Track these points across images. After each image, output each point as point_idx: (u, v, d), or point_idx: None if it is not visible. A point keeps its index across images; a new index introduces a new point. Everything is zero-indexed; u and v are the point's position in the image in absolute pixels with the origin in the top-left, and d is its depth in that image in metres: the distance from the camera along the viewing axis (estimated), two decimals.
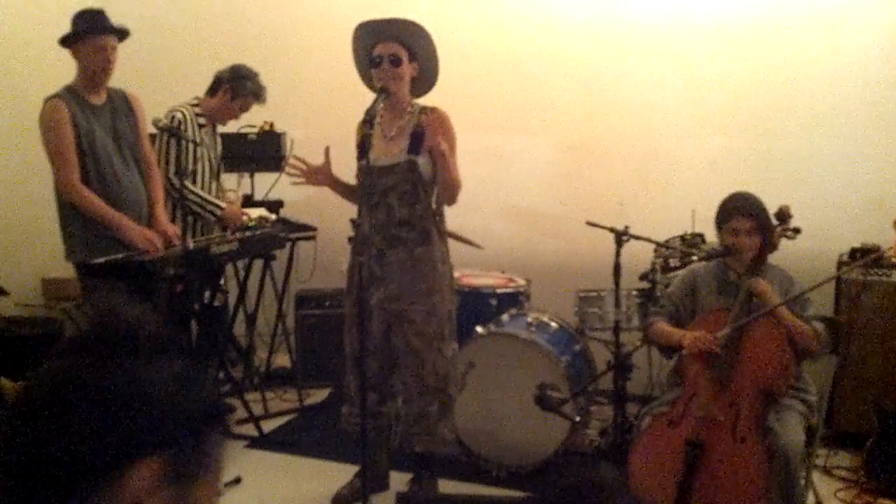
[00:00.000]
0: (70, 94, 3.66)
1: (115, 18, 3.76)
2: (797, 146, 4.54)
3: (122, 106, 3.83)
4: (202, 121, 4.28)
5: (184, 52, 5.38)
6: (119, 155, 3.76)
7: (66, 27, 3.72)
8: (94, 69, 3.67)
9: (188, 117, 4.20)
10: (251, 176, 5.10)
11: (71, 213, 3.68)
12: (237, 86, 4.29)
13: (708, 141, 4.70)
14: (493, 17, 5.07)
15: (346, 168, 3.55)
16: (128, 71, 3.98)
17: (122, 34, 3.73)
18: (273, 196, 5.06)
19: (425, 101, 3.47)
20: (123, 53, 3.81)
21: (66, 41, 3.66)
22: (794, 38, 4.52)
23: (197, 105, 4.30)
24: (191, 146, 4.14)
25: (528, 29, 5.00)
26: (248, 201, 5.01)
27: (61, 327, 4.86)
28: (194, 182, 4.21)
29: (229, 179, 5.02)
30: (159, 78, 4.97)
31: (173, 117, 4.14)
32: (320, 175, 3.45)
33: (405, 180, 3.33)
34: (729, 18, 4.62)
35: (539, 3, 4.98)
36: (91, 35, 3.62)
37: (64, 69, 3.82)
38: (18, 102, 4.91)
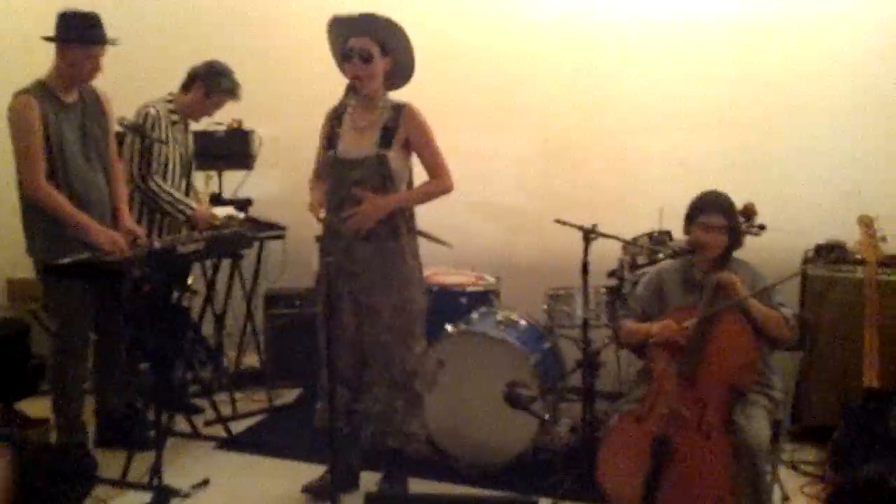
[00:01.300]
0: (41, 89, 3.61)
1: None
2: (764, 143, 4.59)
3: (92, 104, 3.79)
4: (175, 117, 4.23)
5: (153, 48, 5.32)
6: (84, 155, 3.72)
7: (35, 22, 3.66)
8: (81, 74, 3.66)
9: (161, 114, 4.15)
10: (219, 174, 5.06)
11: (34, 212, 3.62)
12: (212, 82, 4.25)
13: (676, 138, 4.73)
14: (468, 16, 5.07)
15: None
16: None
17: (114, 44, 3.72)
18: (241, 194, 5.03)
19: (398, 95, 3.46)
20: None
21: (56, 40, 3.61)
22: (761, 37, 4.56)
23: (171, 101, 4.25)
24: (159, 143, 4.09)
25: (502, 27, 5.01)
26: (217, 200, 4.97)
27: (27, 328, 4.80)
28: (164, 179, 4.16)
29: (197, 178, 4.98)
30: (129, 73, 4.90)
31: (147, 114, 4.10)
32: None
33: (375, 174, 3.32)
34: (697, 19, 4.66)
35: (514, 1, 4.99)
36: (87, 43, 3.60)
37: (32, 64, 3.77)
38: None
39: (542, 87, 4.94)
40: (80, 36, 3.59)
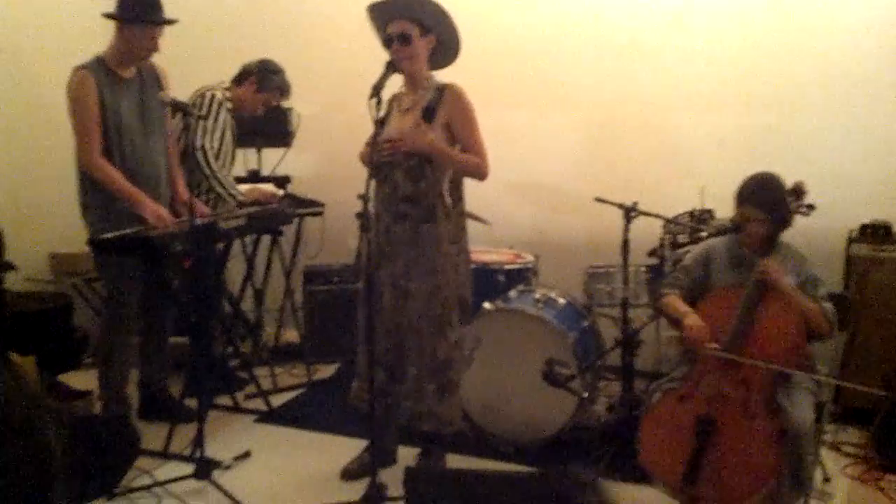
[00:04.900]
0: (99, 65, 3.66)
1: None
2: (808, 122, 4.50)
3: (150, 79, 3.85)
4: (230, 105, 4.30)
5: (190, 33, 5.30)
6: (142, 129, 3.77)
7: (77, 4, 3.67)
8: (140, 52, 3.70)
9: (223, 99, 4.25)
10: (258, 151, 5.09)
11: (89, 186, 3.68)
12: (264, 79, 4.33)
13: (718, 117, 4.67)
14: None
15: (355, 143, 3.53)
16: None
17: (173, 24, 3.76)
18: (280, 172, 5.05)
19: (443, 75, 3.44)
20: None
21: (117, 18, 3.64)
22: (804, 13, 4.47)
23: (228, 90, 4.33)
24: (218, 126, 4.15)
25: (540, 6, 4.97)
26: (256, 177, 5.01)
27: (70, 302, 4.88)
28: (217, 161, 4.20)
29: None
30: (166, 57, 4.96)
31: (213, 97, 4.20)
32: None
33: (411, 155, 3.30)
34: None
35: None
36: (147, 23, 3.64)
37: (78, 47, 3.80)
38: (29, 81, 4.89)
39: (582, 66, 4.89)
40: (140, 16, 3.63)
